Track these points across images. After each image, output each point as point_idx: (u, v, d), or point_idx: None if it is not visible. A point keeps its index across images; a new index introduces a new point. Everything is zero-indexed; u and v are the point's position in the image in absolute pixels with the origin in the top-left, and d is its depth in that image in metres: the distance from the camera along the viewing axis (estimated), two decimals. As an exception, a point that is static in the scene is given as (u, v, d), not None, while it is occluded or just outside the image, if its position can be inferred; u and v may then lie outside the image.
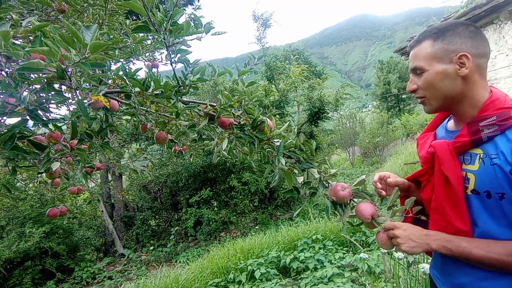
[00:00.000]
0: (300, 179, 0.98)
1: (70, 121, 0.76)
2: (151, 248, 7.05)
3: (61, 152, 0.80)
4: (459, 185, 0.87)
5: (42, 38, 0.60)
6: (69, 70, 0.65)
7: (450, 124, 1.02)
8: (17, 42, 0.84)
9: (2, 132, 0.67)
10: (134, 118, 1.35)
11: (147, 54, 1.89)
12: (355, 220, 1.04)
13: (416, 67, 0.92)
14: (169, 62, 2.00)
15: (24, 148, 0.73)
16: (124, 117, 1.54)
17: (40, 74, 0.84)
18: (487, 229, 0.85)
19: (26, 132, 0.81)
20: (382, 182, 1.09)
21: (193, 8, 8.05)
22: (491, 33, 4.94)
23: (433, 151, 0.93)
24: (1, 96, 0.90)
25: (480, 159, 0.85)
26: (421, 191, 1.00)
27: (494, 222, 0.84)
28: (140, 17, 2.14)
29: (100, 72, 0.74)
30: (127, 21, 2.03)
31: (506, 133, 0.82)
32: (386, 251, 2.47)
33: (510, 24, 4.62)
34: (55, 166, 0.80)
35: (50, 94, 0.88)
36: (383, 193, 1.06)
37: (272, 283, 3.33)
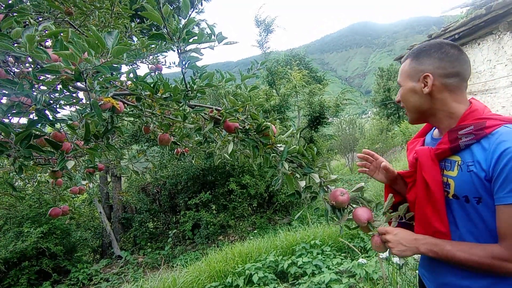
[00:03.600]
0: (302, 183, 1.01)
1: (83, 122, 0.78)
2: (149, 250, 7.02)
3: (74, 151, 0.82)
4: (438, 189, 0.93)
5: (64, 43, 0.63)
6: (85, 73, 0.68)
7: (435, 132, 1.10)
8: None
9: (18, 131, 0.70)
10: (139, 120, 1.37)
11: (150, 57, 1.93)
12: (352, 224, 1.08)
13: (398, 82, 1.06)
14: (173, 65, 2.02)
15: (39, 147, 0.75)
16: (126, 119, 1.56)
17: (52, 76, 0.87)
18: (467, 232, 0.91)
19: (38, 132, 0.84)
20: (369, 158, 1.23)
21: (196, 12, 8.11)
22: (491, 43, 5.00)
23: (416, 156, 1.00)
24: (14, 96, 0.92)
25: (458, 166, 0.92)
26: (407, 192, 1.07)
27: (473, 225, 0.90)
28: (145, 20, 2.19)
29: (114, 75, 0.77)
30: (132, 24, 2.07)
31: (481, 142, 0.88)
32: (384, 256, 2.49)
33: (509, 34, 4.68)
34: (70, 164, 0.83)
35: (62, 95, 0.91)
36: (365, 169, 1.24)
37: (270, 288, 3.33)
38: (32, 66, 0.98)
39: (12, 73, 1.04)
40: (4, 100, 0.97)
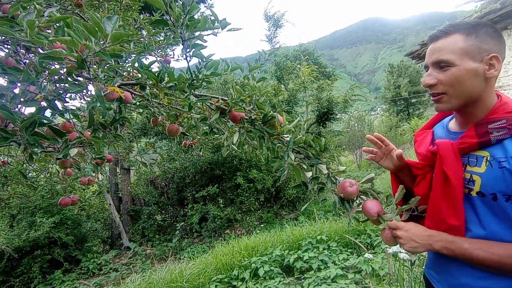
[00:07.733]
0: (309, 174, 1.00)
1: (88, 111, 0.78)
2: (157, 242, 7.12)
3: (78, 139, 0.83)
4: (459, 185, 0.87)
5: (65, 29, 0.63)
6: (88, 60, 0.68)
7: (452, 125, 1.01)
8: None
9: (24, 119, 0.71)
10: (147, 111, 1.38)
11: (158, 50, 1.93)
12: (361, 217, 1.05)
13: (443, 60, 0.86)
14: (181, 58, 2.01)
15: (43, 134, 0.76)
16: (135, 110, 1.57)
17: (58, 64, 0.87)
18: (492, 231, 0.86)
19: (44, 120, 0.85)
20: (378, 143, 1.08)
21: (205, 6, 8.12)
22: (505, 38, 4.85)
23: (435, 150, 0.93)
24: (22, 85, 0.93)
25: (487, 162, 0.84)
26: (416, 185, 1.01)
27: (498, 224, 0.85)
28: (153, 13, 2.19)
29: (117, 63, 0.77)
30: (141, 16, 2.08)
31: None
32: (391, 252, 2.46)
33: (526, 29, 4.53)
34: (73, 152, 0.84)
35: (68, 84, 0.92)
36: (372, 155, 1.12)
37: (276, 282, 3.34)
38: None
39: (23, 64, 1.05)
40: (17, 90, 0.98)
